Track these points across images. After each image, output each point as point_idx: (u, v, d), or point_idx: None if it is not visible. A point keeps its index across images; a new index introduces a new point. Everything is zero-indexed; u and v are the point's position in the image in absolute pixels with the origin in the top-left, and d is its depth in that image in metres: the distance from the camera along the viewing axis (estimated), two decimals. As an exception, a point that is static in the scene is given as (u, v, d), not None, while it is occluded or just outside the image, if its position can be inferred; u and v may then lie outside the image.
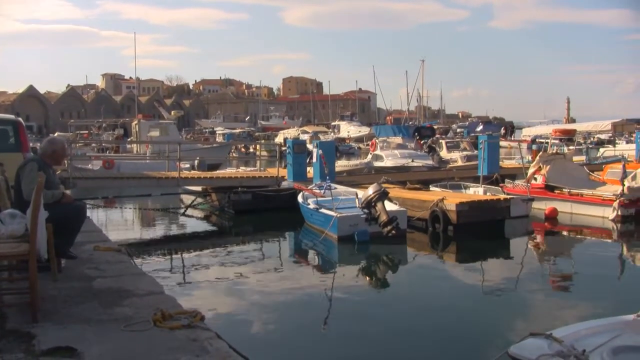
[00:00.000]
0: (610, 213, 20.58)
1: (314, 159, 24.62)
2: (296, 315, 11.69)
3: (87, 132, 60.86)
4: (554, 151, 27.67)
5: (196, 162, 32.00)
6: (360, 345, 9.89)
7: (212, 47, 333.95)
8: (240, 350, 5.65)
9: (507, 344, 6.34)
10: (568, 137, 44.48)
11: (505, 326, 10.62)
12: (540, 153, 25.47)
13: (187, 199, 26.05)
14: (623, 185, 20.50)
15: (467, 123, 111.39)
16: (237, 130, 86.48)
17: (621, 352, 5.79)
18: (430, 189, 23.22)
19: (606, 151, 43.16)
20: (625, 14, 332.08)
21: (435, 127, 74.31)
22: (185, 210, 25.10)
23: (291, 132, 72.63)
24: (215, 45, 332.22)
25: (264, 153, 43.13)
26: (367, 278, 15.14)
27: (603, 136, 56.20)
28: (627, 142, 46.52)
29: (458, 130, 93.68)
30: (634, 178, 20.70)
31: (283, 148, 27.68)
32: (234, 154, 50.13)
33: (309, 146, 29.49)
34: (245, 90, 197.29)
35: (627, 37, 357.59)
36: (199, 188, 25.73)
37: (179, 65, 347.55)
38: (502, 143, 55.03)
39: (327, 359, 9.50)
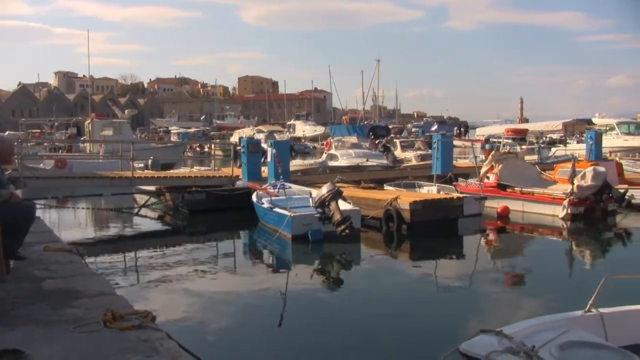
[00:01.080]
0: (560, 211, 20.92)
1: (269, 159, 24.58)
2: (250, 315, 11.66)
3: (39, 131, 59.88)
4: (507, 150, 28.01)
5: (150, 161, 31.72)
6: (313, 344, 9.92)
7: (167, 45, 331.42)
8: (193, 350, 5.62)
9: (458, 341, 6.38)
10: (520, 136, 45.23)
11: (457, 323, 10.69)
12: (493, 152, 25.74)
13: (141, 198, 25.86)
14: (572, 184, 20.86)
15: (422, 123, 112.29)
16: (192, 130, 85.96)
17: (569, 347, 5.88)
18: (385, 188, 23.34)
19: (558, 150, 43.72)
20: (577, 17, 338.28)
21: (390, 126, 74.70)
22: (138, 210, 24.90)
23: (246, 132, 72.26)
24: (170, 43, 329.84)
25: (219, 152, 42.95)
26: (321, 277, 15.14)
27: (555, 136, 56.91)
28: (578, 142, 47.17)
29: (413, 129, 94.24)
30: (583, 177, 21.02)
31: (238, 147, 27.56)
32: (188, 154, 49.80)
33: (264, 145, 29.40)
34: (201, 89, 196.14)
35: (578, 39, 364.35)
36: (152, 188, 25.55)
37: (133, 64, 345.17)
38: (457, 142, 55.48)
39: (280, 358, 9.48)
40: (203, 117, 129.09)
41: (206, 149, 56.00)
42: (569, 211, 20.74)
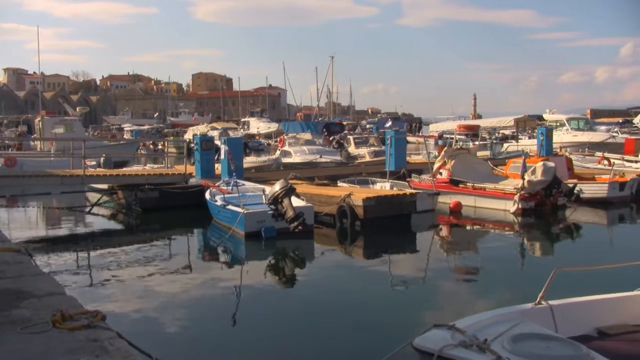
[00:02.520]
0: (511, 206, 21.22)
1: (222, 156, 24.49)
2: (204, 313, 11.60)
3: (-13, 129, 58.84)
4: (459, 146, 28.27)
5: (102, 159, 31.37)
6: (268, 340, 9.91)
7: (120, 42, 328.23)
8: (145, 349, 5.56)
9: (412, 335, 6.40)
10: (472, 132, 45.75)
11: (410, 318, 10.78)
12: (445, 148, 26.00)
13: (93, 197, 25.54)
14: (523, 179, 21.16)
15: (377, 119, 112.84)
16: (146, 127, 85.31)
17: (520, 339, 5.95)
18: (338, 184, 23.41)
19: (510, 146, 44.35)
20: (528, 14, 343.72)
21: (344, 123, 74.89)
22: (90, 209, 24.60)
23: (200, 129, 71.84)
24: (123, 40, 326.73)
25: (173, 150, 42.68)
26: (275, 274, 15.12)
27: (507, 132, 57.64)
28: (530, 138, 47.86)
29: (367, 126, 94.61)
30: (533, 172, 21.33)
31: (191, 145, 27.40)
32: (141, 151, 49.34)
33: (217, 143, 29.27)
34: (154, 87, 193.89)
35: (530, 37, 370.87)
36: (105, 186, 25.24)
37: (85, 60, 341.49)
38: (411, 139, 55.97)
39: (235, 356, 9.43)
40: (157, 114, 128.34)
41: (159, 147, 55.56)
42: (519, 206, 21.07)
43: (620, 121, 69.18)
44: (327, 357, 9.28)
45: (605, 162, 30.45)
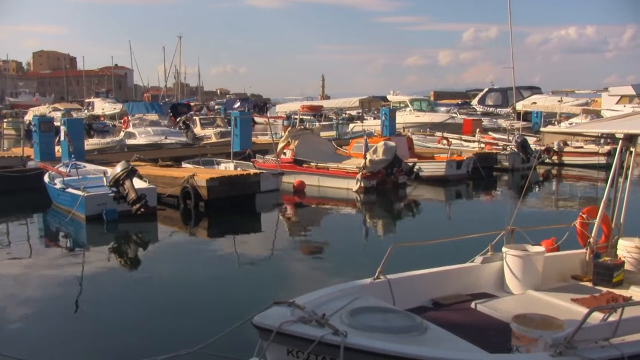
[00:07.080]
0: (354, 185, 21.72)
1: (62, 137, 23.69)
2: (44, 300, 11.27)
3: None
4: (303, 127, 28.60)
5: None
6: (110, 325, 9.78)
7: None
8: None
9: (254, 314, 6.39)
10: (316, 113, 46.42)
11: (254, 297, 10.81)
12: (289, 128, 26.24)
13: None
14: (365, 158, 21.69)
15: (225, 100, 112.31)
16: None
17: (358, 313, 6.09)
18: (183, 165, 23.17)
19: (355, 127, 45.27)
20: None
21: (192, 104, 74.12)
22: None
23: (42, 110, 68.98)
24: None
25: (11, 132, 40.91)
26: (118, 257, 14.90)
27: (354, 112, 58.78)
28: (375, 118, 49.07)
29: (216, 107, 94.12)
30: (375, 152, 21.91)
31: (30, 126, 26.29)
32: (-24, 134, 46.81)
33: (58, 124, 28.22)
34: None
35: (377, 20, 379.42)
36: None
37: None
38: (259, 119, 56.13)
39: (80, 344, 9.17)
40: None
41: (-4, 129, 52.95)
42: (361, 184, 21.65)
43: (460, 103, 72.15)
44: (168, 337, 9.16)
45: (444, 141, 31.69)
